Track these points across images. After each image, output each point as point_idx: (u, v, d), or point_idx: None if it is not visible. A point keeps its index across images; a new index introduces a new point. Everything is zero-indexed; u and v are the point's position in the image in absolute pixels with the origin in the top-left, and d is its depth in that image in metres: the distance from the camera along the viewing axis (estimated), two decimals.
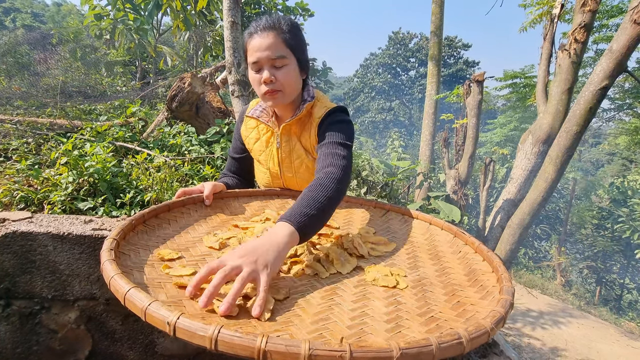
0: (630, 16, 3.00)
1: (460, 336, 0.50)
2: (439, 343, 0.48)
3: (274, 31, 1.03)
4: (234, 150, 1.35)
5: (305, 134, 1.18)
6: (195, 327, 0.48)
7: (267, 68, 1.03)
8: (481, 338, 0.52)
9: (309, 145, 1.18)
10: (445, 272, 0.82)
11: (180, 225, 0.93)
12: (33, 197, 1.88)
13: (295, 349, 0.45)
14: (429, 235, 1.03)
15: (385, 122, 30.99)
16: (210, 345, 0.47)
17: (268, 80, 1.03)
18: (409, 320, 0.62)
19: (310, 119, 1.17)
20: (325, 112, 1.15)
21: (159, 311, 0.51)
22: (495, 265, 0.77)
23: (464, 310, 0.66)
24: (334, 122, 1.13)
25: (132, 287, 0.55)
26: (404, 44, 34.11)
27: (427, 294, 0.72)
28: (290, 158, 1.20)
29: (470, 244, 0.92)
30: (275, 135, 1.21)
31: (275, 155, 1.22)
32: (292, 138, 1.19)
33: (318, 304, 0.65)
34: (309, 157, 1.19)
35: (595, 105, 3.28)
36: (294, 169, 1.21)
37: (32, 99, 4.34)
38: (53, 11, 31.29)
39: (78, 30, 9.98)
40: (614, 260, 11.86)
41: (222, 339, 0.47)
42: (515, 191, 4.07)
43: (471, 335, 0.51)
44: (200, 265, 0.75)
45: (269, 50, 1.02)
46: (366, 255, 0.86)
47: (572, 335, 6.35)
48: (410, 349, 0.47)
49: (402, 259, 0.88)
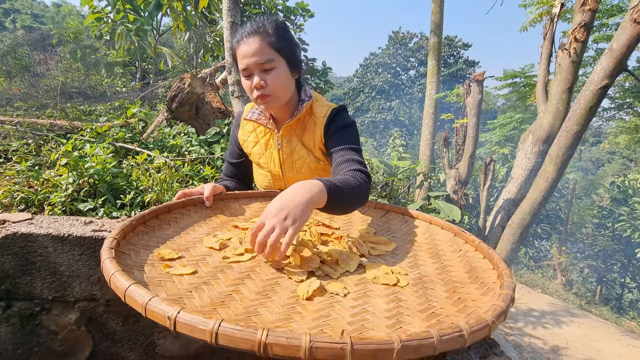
0: (630, 15, 2.99)
1: (461, 329, 0.50)
2: (440, 335, 0.48)
3: (259, 35, 1.03)
4: (230, 155, 1.35)
5: (307, 134, 1.18)
6: (196, 321, 0.48)
7: (257, 73, 1.05)
8: (482, 331, 0.52)
9: (312, 145, 1.18)
10: (446, 270, 0.82)
11: (181, 226, 0.93)
12: (33, 198, 1.88)
13: (296, 341, 0.45)
14: (430, 234, 1.03)
15: (386, 121, 30.97)
16: (210, 338, 0.46)
17: (258, 85, 1.04)
18: (410, 316, 0.62)
19: (312, 118, 1.17)
20: (329, 112, 1.16)
21: (160, 306, 0.51)
22: (495, 262, 0.77)
23: (465, 306, 0.66)
24: (344, 126, 1.14)
25: (133, 283, 0.56)
26: (403, 44, 34.09)
27: (427, 291, 0.72)
28: (292, 159, 1.20)
29: (470, 242, 0.92)
30: (274, 137, 1.21)
31: (276, 157, 1.22)
32: (293, 139, 1.19)
33: (319, 301, 0.65)
34: (311, 157, 1.19)
35: (596, 105, 3.27)
36: (295, 170, 1.21)
37: (32, 100, 4.34)
38: (53, 12, 31.33)
39: (78, 31, 9.98)
40: (614, 259, 11.85)
41: (223, 332, 0.46)
42: (516, 191, 4.06)
43: (472, 328, 0.51)
44: (200, 265, 0.75)
45: (256, 56, 1.03)
46: (367, 254, 0.86)
47: (573, 335, 6.35)
48: (411, 341, 0.46)
49: (402, 258, 0.88)
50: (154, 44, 8.22)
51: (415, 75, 33.92)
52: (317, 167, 1.22)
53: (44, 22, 30.05)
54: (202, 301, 0.62)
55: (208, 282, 0.69)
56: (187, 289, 0.65)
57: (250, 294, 0.66)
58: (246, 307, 0.61)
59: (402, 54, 34.03)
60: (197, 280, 0.69)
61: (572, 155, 3.48)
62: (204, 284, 0.68)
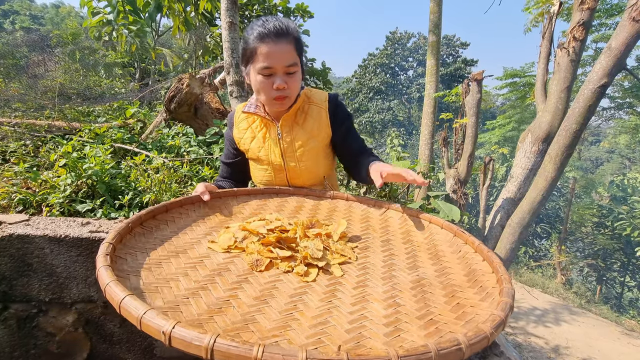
0: (629, 14, 2.99)
1: (459, 342, 0.50)
2: (438, 349, 0.48)
3: (287, 38, 1.05)
4: (226, 157, 1.37)
5: (310, 120, 1.22)
6: (191, 337, 0.48)
7: (281, 75, 1.07)
8: (481, 343, 0.52)
9: (317, 130, 1.23)
10: (445, 273, 0.81)
11: (179, 226, 0.92)
12: (31, 200, 1.87)
13: (292, 359, 0.45)
14: (429, 234, 1.02)
15: (384, 121, 30.95)
16: (206, 355, 0.47)
17: (282, 87, 1.08)
18: (408, 323, 0.62)
19: (311, 105, 1.24)
20: (327, 97, 1.25)
21: (154, 320, 0.51)
22: (495, 265, 0.77)
23: (463, 313, 0.65)
24: (348, 115, 1.28)
25: (128, 294, 0.55)
26: (401, 44, 34.09)
27: (426, 295, 0.71)
28: (293, 147, 1.22)
29: (470, 244, 0.91)
30: (272, 129, 1.23)
31: (277, 147, 1.23)
32: (293, 128, 1.22)
33: (316, 307, 0.65)
34: (313, 143, 1.23)
35: (595, 103, 3.27)
36: (296, 158, 1.23)
37: (30, 101, 4.33)
38: (52, 13, 31.30)
39: (77, 33, 9.97)
40: (614, 258, 11.85)
41: (218, 349, 0.46)
42: (515, 190, 4.06)
43: (470, 341, 0.51)
44: (197, 268, 0.74)
45: (285, 59, 1.05)
46: (352, 258, 0.86)
47: (573, 334, 6.34)
48: (409, 357, 0.46)
49: (401, 259, 0.87)
50: (154, 45, 8.21)
51: (413, 75, 33.94)
52: (319, 154, 1.25)
53: (43, 24, 30.03)
54: (199, 308, 0.61)
55: (205, 286, 0.68)
56: (184, 294, 0.65)
57: (248, 299, 0.66)
58: (243, 315, 0.61)
59: (400, 54, 34.03)
60: (194, 285, 0.68)
61: (571, 154, 3.48)
62: (202, 289, 0.67)
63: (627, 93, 7.51)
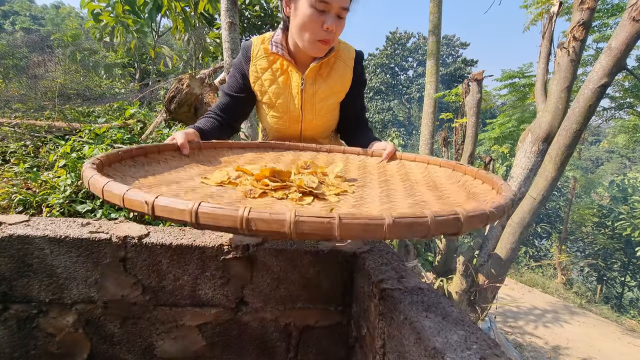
0: (629, 13, 2.99)
1: (457, 212, 0.46)
2: (435, 216, 0.45)
3: None
4: (230, 87, 1.21)
5: (335, 76, 1.16)
6: (175, 203, 0.45)
7: (334, 16, 0.99)
8: (479, 217, 0.48)
9: (340, 87, 1.18)
10: (444, 197, 0.77)
11: (171, 166, 0.86)
12: (31, 200, 1.87)
13: (280, 216, 0.42)
14: (427, 173, 0.98)
15: (384, 122, 30.98)
16: (190, 218, 0.43)
17: (332, 28, 0.99)
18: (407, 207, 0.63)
19: (336, 60, 1.16)
20: (355, 54, 1.19)
21: (137, 194, 0.48)
22: (495, 181, 0.73)
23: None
24: (364, 81, 1.24)
25: (110, 180, 0.52)
26: (401, 44, 34.13)
27: (421, 203, 0.70)
28: (313, 100, 1.17)
29: (469, 173, 0.86)
30: (293, 77, 1.15)
31: (298, 97, 1.16)
32: (317, 80, 1.15)
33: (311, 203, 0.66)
34: (332, 98, 1.19)
35: (595, 103, 3.27)
36: (315, 111, 1.19)
37: (30, 102, 4.34)
38: (52, 14, 31.35)
39: (77, 34, 9.98)
40: (614, 258, 11.85)
41: (204, 211, 0.43)
42: (515, 190, 4.06)
43: (469, 213, 0.47)
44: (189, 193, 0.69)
45: (344, 0, 0.98)
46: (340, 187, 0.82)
47: (574, 334, 6.34)
48: (404, 219, 0.43)
49: (399, 191, 0.82)
50: (154, 45, 8.22)
51: (413, 75, 33.99)
52: (335, 110, 1.23)
53: (43, 24, 30.06)
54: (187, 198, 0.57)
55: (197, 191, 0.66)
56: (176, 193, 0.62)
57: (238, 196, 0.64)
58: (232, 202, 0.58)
59: (400, 54, 34.08)
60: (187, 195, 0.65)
61: (571, 154, 3.48)
62: (192, 191, 0.65)
63: (627, 93, 7.51)
